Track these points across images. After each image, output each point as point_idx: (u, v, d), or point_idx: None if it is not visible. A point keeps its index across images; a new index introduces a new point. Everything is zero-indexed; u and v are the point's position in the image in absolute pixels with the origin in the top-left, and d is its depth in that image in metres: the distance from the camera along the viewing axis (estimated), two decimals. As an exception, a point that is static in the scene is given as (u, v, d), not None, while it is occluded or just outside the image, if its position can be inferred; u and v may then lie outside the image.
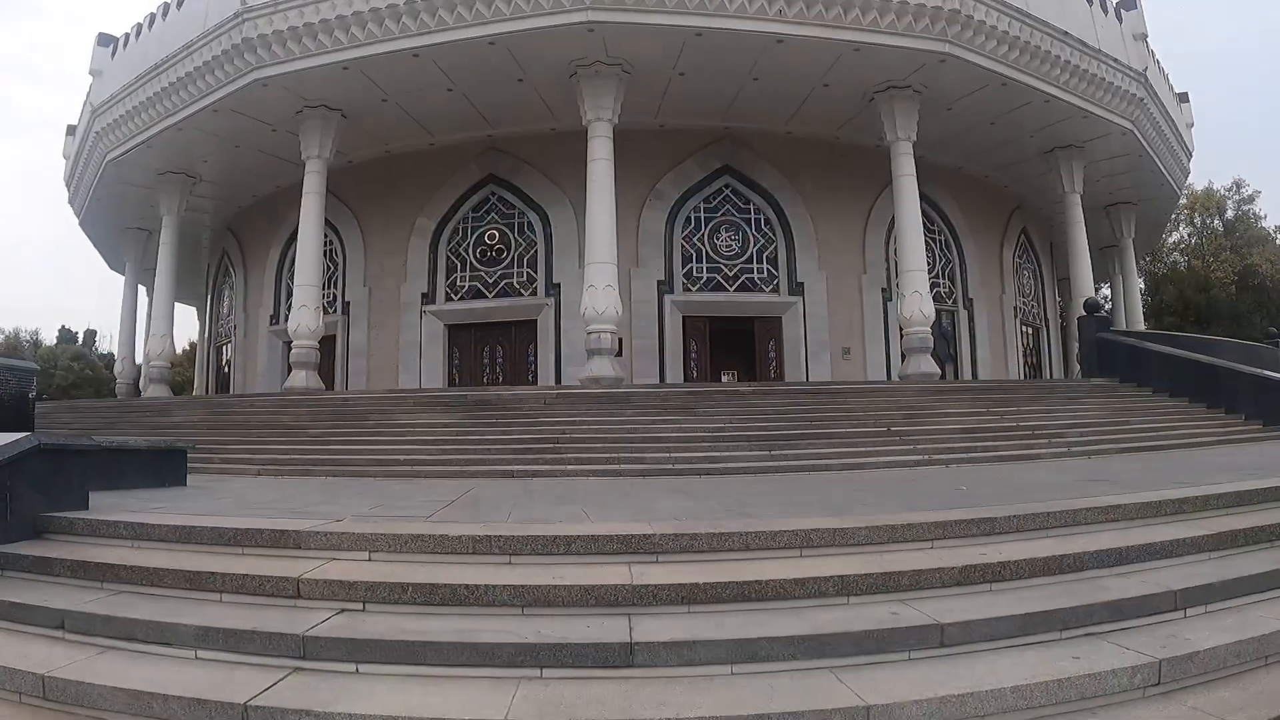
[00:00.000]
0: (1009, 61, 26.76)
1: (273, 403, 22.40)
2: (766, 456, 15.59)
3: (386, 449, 16.83)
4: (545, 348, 29.44)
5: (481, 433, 17.45)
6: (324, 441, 17.84)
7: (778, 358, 30.36)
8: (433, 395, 20.96)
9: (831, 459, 15.52)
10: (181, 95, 28.30)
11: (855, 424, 17.91)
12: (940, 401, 20.32)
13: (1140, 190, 37.47)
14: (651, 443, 16.31)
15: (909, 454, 16.08)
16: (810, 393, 20.66)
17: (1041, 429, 18.38)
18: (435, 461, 15.76)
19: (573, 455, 15.72)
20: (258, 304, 35.52)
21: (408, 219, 31.07)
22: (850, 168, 31.19)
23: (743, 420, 17.88)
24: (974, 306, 33.73)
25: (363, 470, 15.55)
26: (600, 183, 25.14)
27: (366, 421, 18.99)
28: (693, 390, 20.16)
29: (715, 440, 16.52)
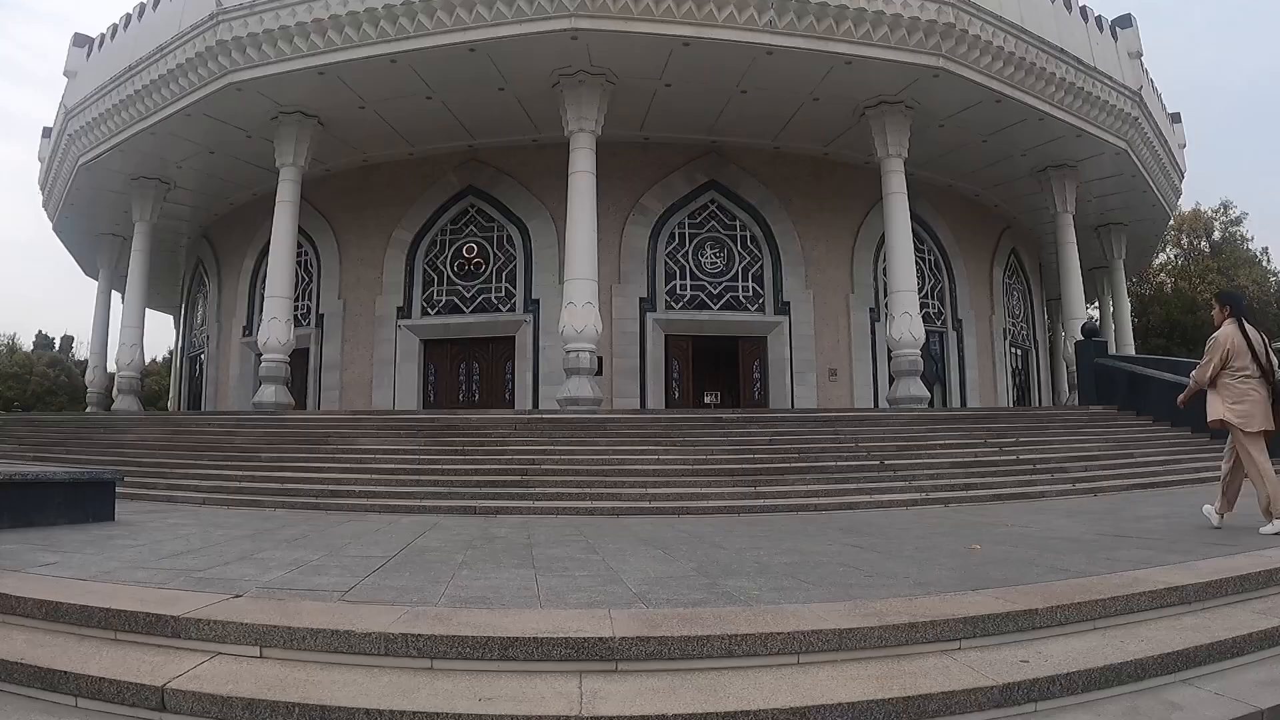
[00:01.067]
0: (1003, 77, 25.64)
1: (230, 423, 20.86)
2: (751, 494, 14.14)
3: (343, 477, 15.34)
4: (523, 365, 28.03)
5: (446, 462, 15.94)
6: (278, 467, 16.35)
7: (762, 379, 28.97)
8: (397, 419, 19.43)
9: (821, 497, 14.10)
10: (155, 98, 26.96)
11: (846, 456, 16.47)
12: (934, 431, 18.91)
13: (1131, 211, 36.30)
14: (627, 476, 14.84)
15: (905, 491, 14.69)
16: (798, 420, 19.20)
17: (1043, 463, 17.01)
18: (392, 494, 14.28)
19: (541, 489, 14.24)
20: (230, 314, 34.04)
21: (385, 230, 29.69)
22: (839, 185, 30.02)
23: (725, 451, 16.43)
24: (963, 328, 32.46)
25: (313, 502, 14.07)
26: (581, 196, 23.84)
27: (325, 445, 17.49)
28: (673, 417, 18.66)
29: (695, 474, 15.06)
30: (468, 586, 6.97)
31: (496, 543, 9.96)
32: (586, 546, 9.57)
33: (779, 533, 10.93)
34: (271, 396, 25.58)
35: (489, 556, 8.79)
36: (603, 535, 10.65)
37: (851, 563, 8.13)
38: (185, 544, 9.52)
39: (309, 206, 30.40)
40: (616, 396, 27.09)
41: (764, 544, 9.78)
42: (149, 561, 8.14)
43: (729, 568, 7.96)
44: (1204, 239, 59.89)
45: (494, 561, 8.43)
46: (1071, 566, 7.65)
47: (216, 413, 22.54)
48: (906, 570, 7.65)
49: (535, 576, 7.49)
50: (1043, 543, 9.42)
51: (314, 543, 9.84)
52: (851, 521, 12.11)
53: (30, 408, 56.05)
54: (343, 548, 9.39)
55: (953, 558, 8.43)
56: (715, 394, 29.44)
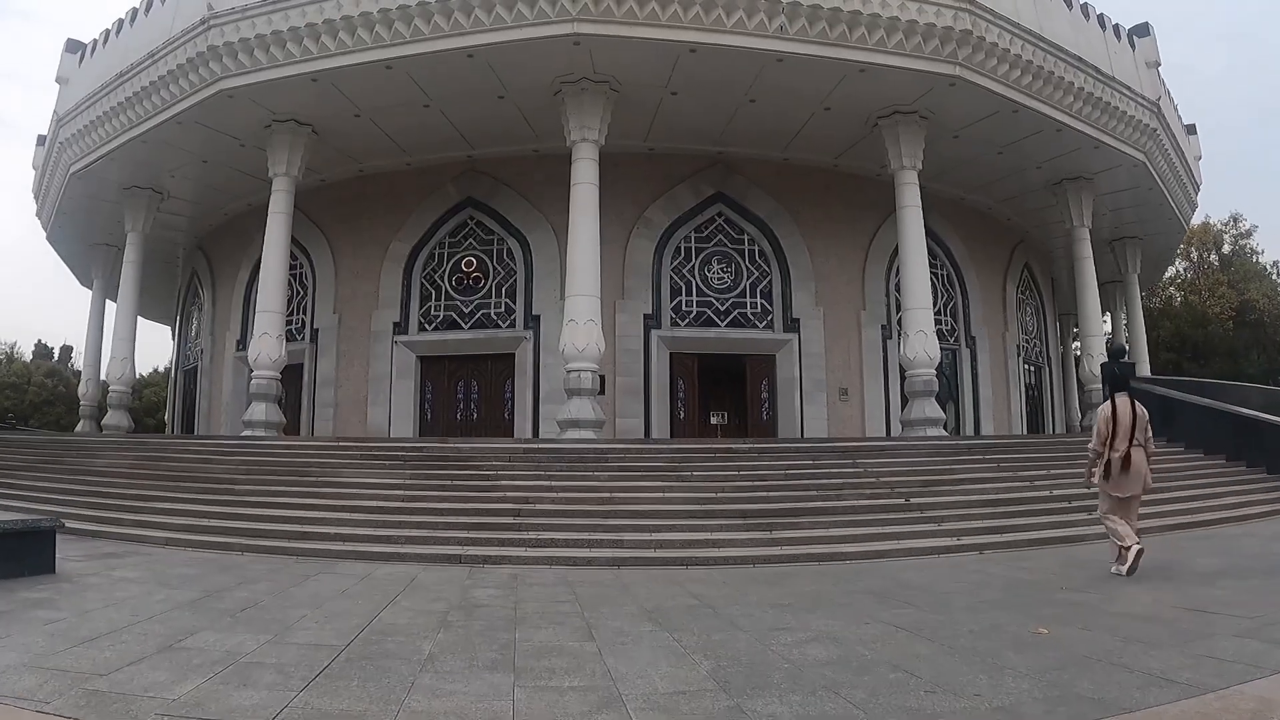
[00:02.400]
0: (1021, 87, 24.11)
1: (209, 449, 19.23)
2: (767, 539, 12.55)
3: (320, 515, 13.78)
4: (523, 383, 26.45)
5: (433, 498, 14.36)
6: (253, 502, 14.77)
7: (771, 399, 27.35)
8: (383, 449, 17.67)
9: (845, 543, 12.52)
10: (146, 105, 25.53)
11: (868, 493, 14.86)
12: (959, 463, 17.30)
13: (1146, 224, 34.68)
14: (630, 518, 13.25)
15: (935, 535, 13.11)
16: (814, 451, 17.49)
17: (1077, 499, 15.38)
18: (372, 537, 12.71)
19: (535, 533, 12.66)
20: (224, 327, 32.43)
21: (381, 242, 28.13)
22: (849, 197, 28.45)
23: (737, 487, 14.82)
24: (976, 345, 30.83)
25: (285, 545, 12.50)
26: (584, 208, 22.34)
27: (306, 477, 15.88)
28: (679, 448, 16.96)
29: (705, 515, 13.45)
30: (425, 712, 5.37)
31: (476, 618, 8.35)
32: (581, 628, 7.94)
33: (804, 600, 9.32)
34: (262, 415, 24.05)
35: (463, 645, 7.16)
36: (601, 605, 9.03)
37: (904, 663, 6.48)
38: (112, 618, 7.95)
39: (304, 218, 28.92)
40: (619, 417, 25.53)
41: (789, 620, 8.18)
42: (50, 654, 6.57)
43: (753, 670, 6.33)
44: (1214, 252, 58.17)
45: (467, 656, 6.79)
46: (1169, 668, 6.04)
47: (197, 437, 20.89)
48: (973, 678, 6.01)
49: (513, 689, 5.87)
50: (1115, 622, 7.83)
51: (264, 616, 8.26)
52: (884, 580, 10.50)
53: (28, 418, 54.94)
54: (294, 626, 7.81)
55: (1020, 650, 6.79)
56: (722, 414, 27.81)
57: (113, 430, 30.10)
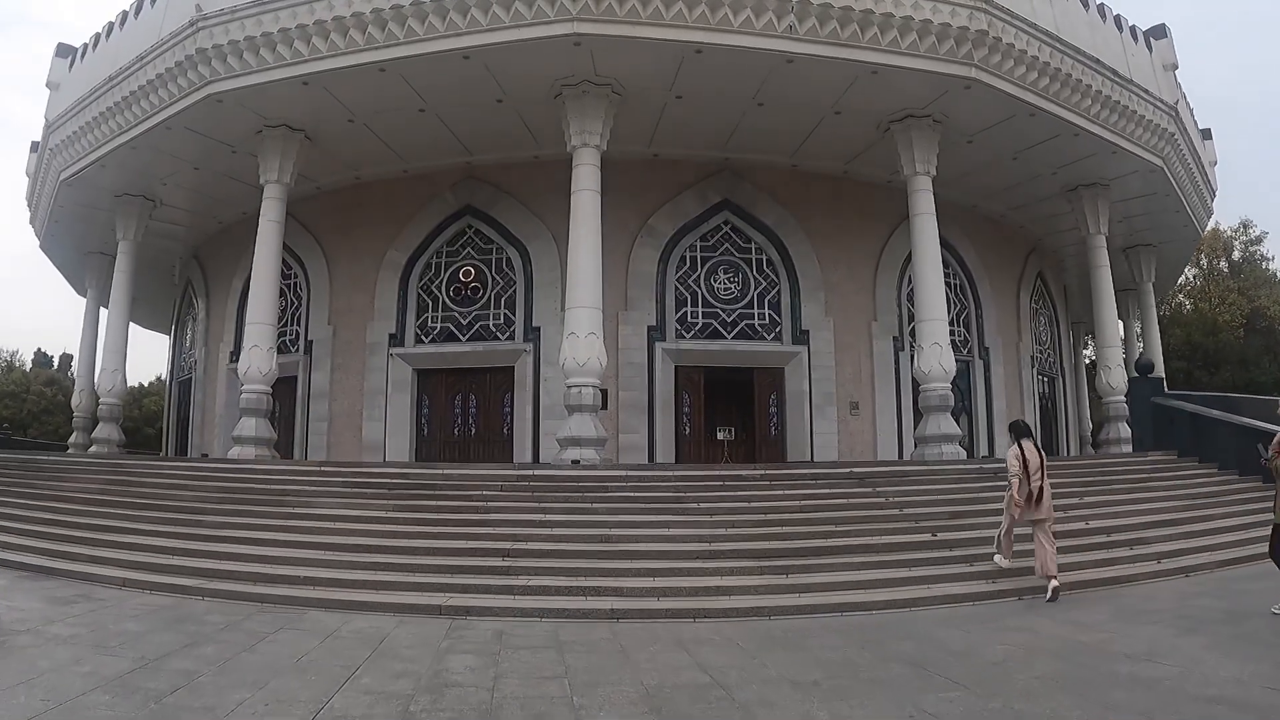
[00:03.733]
0: (1038, 89, 22.70)
1: (184, 474, 17.69)
2: (783, 584, 11.09)
3: (293, 553, 12.35)
4: (523, 398, 24.97)
5: (416, 534, 12.88)
6: (223, 536, 13.35)
7: (779, 413, 25.88)
8: (367, 475, 16.02)
9: (870, 589, 11.08)
10: (134, 111, 24.23)
11: (891, 527, 13.37)
12: (984, 490, 15.75)
13: (1161, 231, 33.08)
14: (630, 559, 11.81)
15: (967, 578, 11.66)
16: (830, 478, 15.90)
17: (1116, 530, 14.01)
18: (347, 582, 11.26)
19: (525, 578, 11.21)
20: (218, 338, 31.01)
21: (377, 252, 26.69)
22: (860, 205, 27.02)
23: (748, 522, 13.33)
24: (989, 356, 29.29)
25: (251, 591, 11.08)
26: (585, 216, 20.95)
27: (281, 507, 14.40)
28: (685, 476, 15.37)
29: (714, 556, 11.99)
30: None
31: (443, 707, 6.91)
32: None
33: (831, 673, 7.88)
34: (252, 431, 22.64)
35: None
36: (596, 684, 7.55)
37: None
38: (15, 706, 6.57)
39: (298, 226, 27.65)
40: (622, 433, 24.09)
41: (819, 713, 6.73)
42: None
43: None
44: (1223, 259, 56.46)
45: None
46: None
47: (172, 461, 19.30)
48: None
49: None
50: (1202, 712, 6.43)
51: (195, 702, 6.85)
52: (919, 644, 9.04)
53: (26, 427, 53.52)
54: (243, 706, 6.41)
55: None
56: (729, 430, 26.31)
57: (102, 443, 28.82)
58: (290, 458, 26.57)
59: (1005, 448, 28.14)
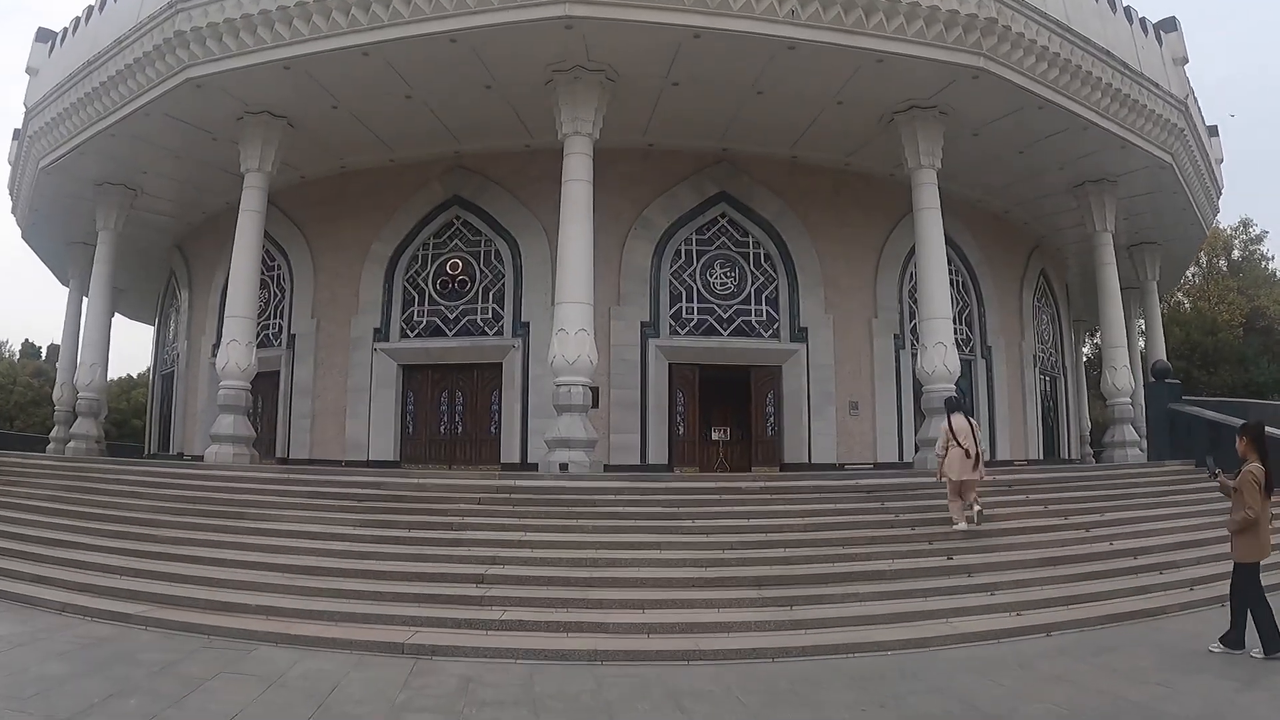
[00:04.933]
0: (1048, 81, 21.47)
1: (143, 479, 16.16)
2: (787, 620, 9.76)
3: (247, 576, 11.03)
4: (511, 395, 23.67)
5: (384, 554, 11.50)
6: (175, 554, 11.99)
7: (777, 413, 24.57)
8: (337, 485, 14.38)
9: (882, 625, 9.79)
10: (112, 97, 22.91)
11: (902, 547, 12.06)
12: (996, 502, 14.44)
13: (1166, 230, 31.81)
14: (618, 588, 10.47)
15: (990, 610, 10.39)
16: (834, 491, 14.46)
17: (1143, 552, 12.73)
18: (303, 612, 9.93)
19: (500, 610, 9.89)
20: (200, 331, 29.63)
21: (362, 243, 25.34)
22: (861, 199, 25.73)
23: (748, 543, 11.96)
24: (991, 355, 28.03)
25: (198, 622, 9.77)
26: (577, 207, 19.64)
27: (241, 521, 13.01)
28: (679, 488, 13.94)
29: (711, 584, 10.65)
30: None
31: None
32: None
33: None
34: (230, 429, 21.38)
35: None
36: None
37: None
38: None
39: (283, 216, 26.46)
40: (614, 432, 22.82)
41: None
42: None
43: None
44: (1223, 258, 55.14)
45: None
46: None
47: (134, 464, 17.63)
48: None
49: None
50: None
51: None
52: (944, 699, 7.75)
53: (13, 419, 52.07)
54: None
55: None
56: (724, 430, 25.06)
57: (81, 439, 27.54)
58: (272, 456, 25.47)
59: (1008, 450, 27.59)
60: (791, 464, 23.95)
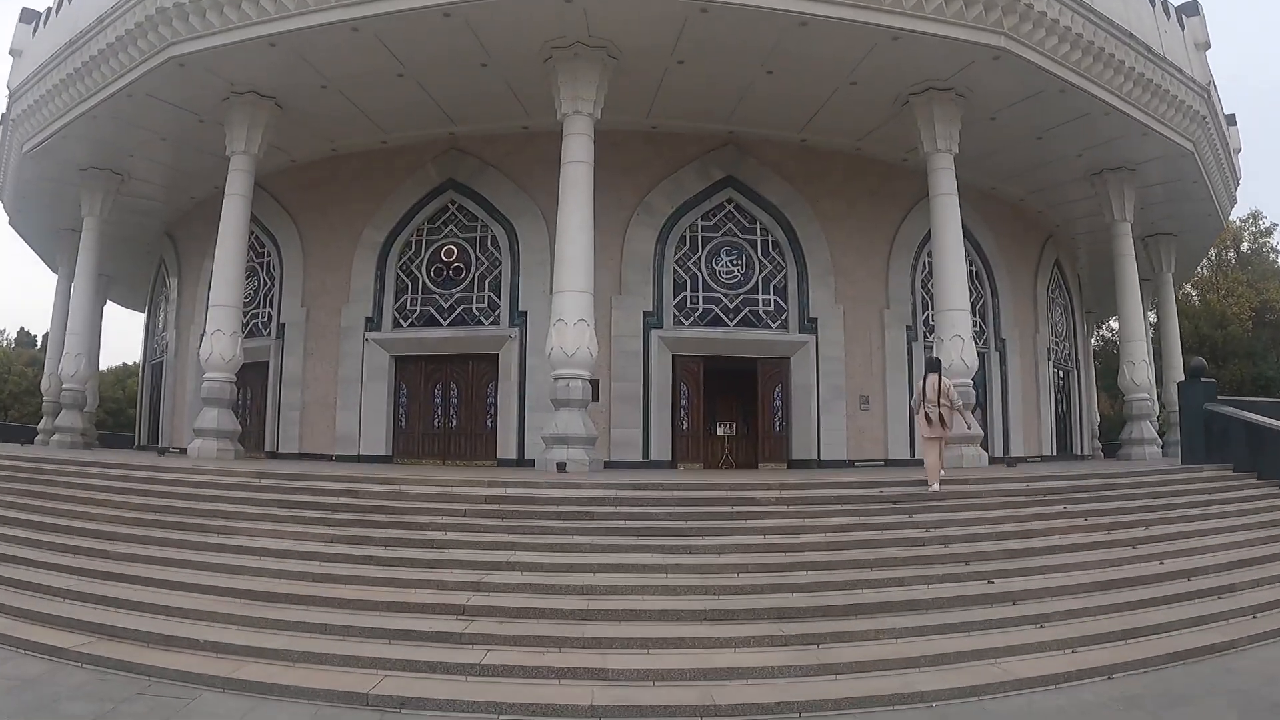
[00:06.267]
0: (1070, 63, 20.00)
1: (106, 481, 14.44)
2: (812, 664, 7.99)
3: (203, 602, 9.43)
4: (507, 388, 22.22)
5: (355, 577, 9.78)
6: (122, 572, 10.32)
7: (784, 407, 23.08)
8: (312, 492, 12.63)
9: (923, 668, 8.20)
10: (94, 77, 21.49)
11: (937, 571, 10.43)
12: (1034, 516, 12.84)
13: (1183, 220, 30.26)
14: (619, 621, 8.86)
15: (1040, 646, 8.84)
16: (857, 502, 12.68)
17: (1196, 573, 11.18)
18: (258, 650, 8.27)
19: (483, 648, 8.23)
20: (189, 320, 28.07)
21: (353, 229, 23.88)
22: (872, 185, 24.27)
23: (766, 564, 10.28)
24: (1006, 348, 26.55)
25: (137, 661, 8.16)
26: (576, 190, 18.22)
27: (205, 532, 11.38)
28: (686, 498, 12.15)
29: (724, 615, 9.02)
30: None
31: None
32: None
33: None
34: (214, 422, 20.13)
35: None
36: None
37: None
38: None
39: (273, 201, 25.05)
40: (614, 427, 21.39)
41: None
42: None
43: None
44: (1232, 250, 53.56)
45: None
46: None
47: (99, 463, 15.64)
48: None
49: None
50: None
51: None
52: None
53: (7, 409, 51.00)
54: None
55: None
56: (729, 425, 23.62)
57: (65, 431, 26.23)
58: (261, 449, 24.15)
59: (1021, 446, 26.11)
60: (799, 461, 22.59)
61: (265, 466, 16.02)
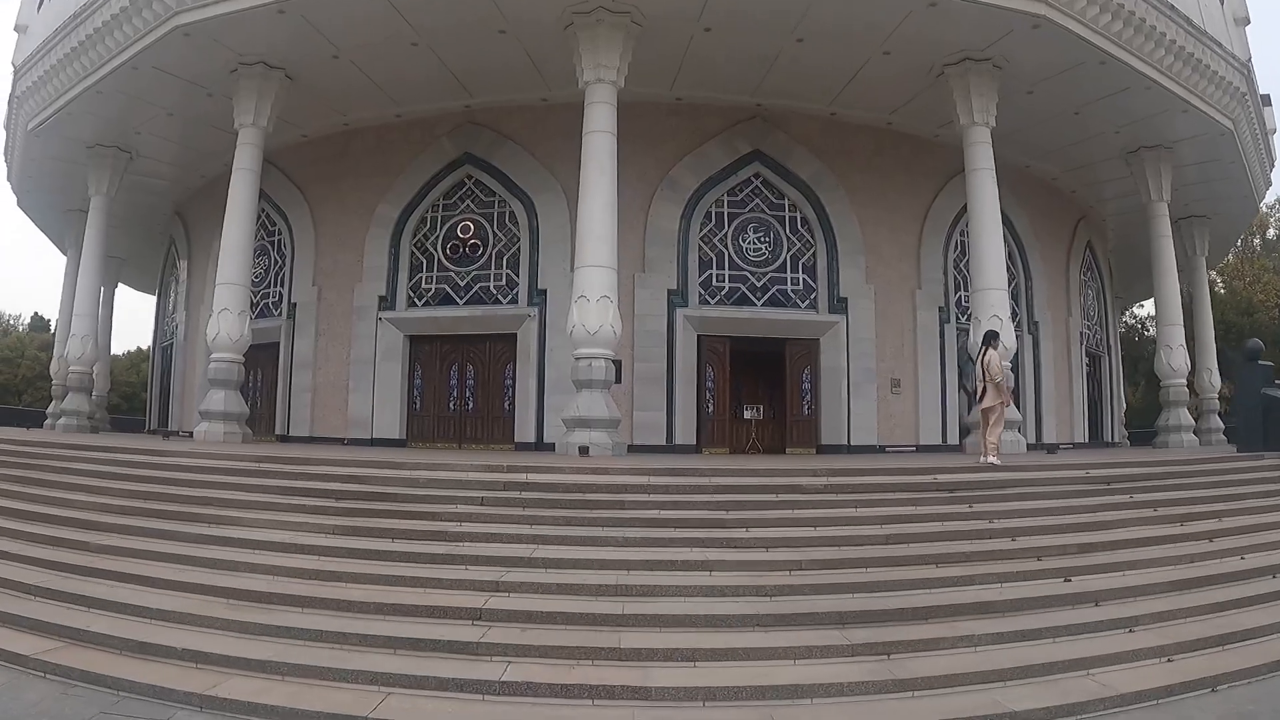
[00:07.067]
0: (1111, 34, 18.63)
1: (94, 465, 13.16)
2: (886, 679, 6.58)
3: (187, 603, 8.16)
4: (526, 369, 21.03)
5: (357, 576, 8.50)
6: (103, 567, 9.06)
7: (813, 390, 21.82)
8: (316, 477, 11.33)
9: (1010, 680, 6.92)
10: (99, 50, 20.31)
11: (1009, 569, 9.08)
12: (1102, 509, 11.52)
13: (1217, 203, 28.77)
14: (659, 627, 7.51)
15: (1134, 654, 7.57)
16: (912, 489, 11.11)
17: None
18: (243, 661, 6.99)
19: (503, 659, 6.93)
20: (199, 301, 26.88)
21: (367, 206, 22.69)
22: (904, 161, 23.02)
23: (820, 560, 8.94)
24: (1039, 331, 25.22)
25: (108, 673, 6.90)
26: (599, 161, 16.96)
27: (195, 523, 10.09)
28: (725, 485, 10.71)
29: (779, 619, 7.66)
30: None
31: None
32: None
33: None
34: (220, 405, 19.05)
35: None
36: None
37: None
38: None
39: (283, 178, 23.94)
40: (637, 410, 20.21)
41: None
42: None
43: None
44: (1258, 236, 51.87)
45: None
46: None
47: (86, 446, 14.61)
48: None
49: None
50: None
51: None
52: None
53: (20, 394, 50.10)
54: None
55: None
56: (756, 408, 22.38)
57: (72, 415, 25.16)
58: (271, 433, 23.09)
59: (1054, 432, 24.74)
60: (829, 446, 21.40)
61: (266, 450, 14.71)
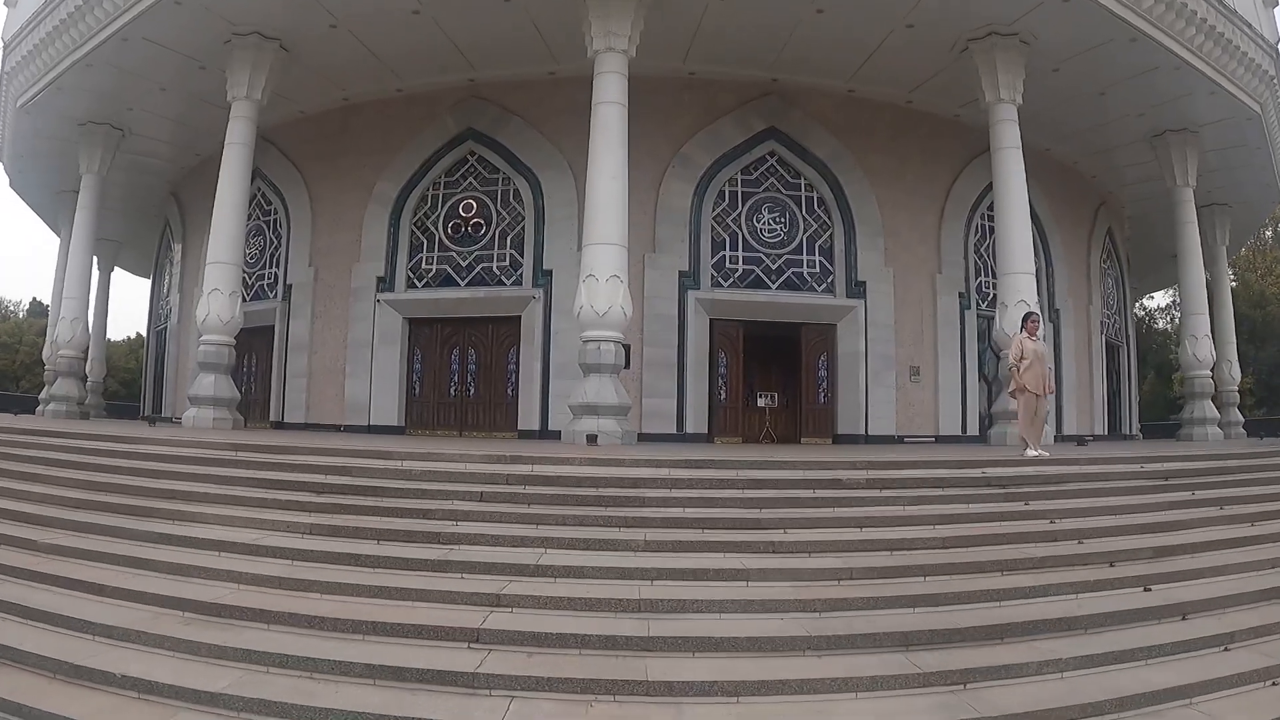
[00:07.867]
0: (1142, 10, 17.38)
1: (53, 452, 11.80)
2: (965, 717, 5.56)
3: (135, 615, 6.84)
4: (530, 353, 19.83)
5: (333, 586, 7.01)
6: (43, 570, 7.67)
7: (830, 377, 20.67)
8: (294, 467, 9.97)
9: (1109, 714, 5.67)
10: (88, 21, 19.06)
11: (1082, 575, 7.74)
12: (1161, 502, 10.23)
13: (1239, 190, 27.39)
14: (691, 652, 6.11)
15: (1237, 679, 6.35)
16: (959, 485, 9.72)
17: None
18: (182, 691, 5.60)
19: (505, 693, 5.53)
20: (194, 284, 25.37)
21: (365, 183, 21.46)
22: (924, 141, 21.78)
23: (871, 567, 7.49)
24: (1060, 319, 23.99)
25: (27, 699, 5.61)
26: (609, 134, 15.74)
27: (154, 518, 8.79)
28: (758, 479, 9.34)
29: (832, 641, 6.27)
30: None
31: None
32: None
33: None
34: (210, 389, 17.85)
35: None
36: None
37: None
38: None
39: (280, 155, 22.74)
40: (647, 396, 19.02)
41: None
42: None
43: None
44: (1270, 228, 50.33)
45: None
46: None
47: (57, 432, 13.25)
48: None
49: None
50: None
51: None
52: None
53: (19, 379, 49.04)
54: None
55: None
56: (770, 395, 21.21)
57: (61, 400, 23.86)
58: (265, 419, 21.99)
59: (1074, 424, 23.49)
60: (845, 435, 20.26)
61: (244, 438, 13.33)
